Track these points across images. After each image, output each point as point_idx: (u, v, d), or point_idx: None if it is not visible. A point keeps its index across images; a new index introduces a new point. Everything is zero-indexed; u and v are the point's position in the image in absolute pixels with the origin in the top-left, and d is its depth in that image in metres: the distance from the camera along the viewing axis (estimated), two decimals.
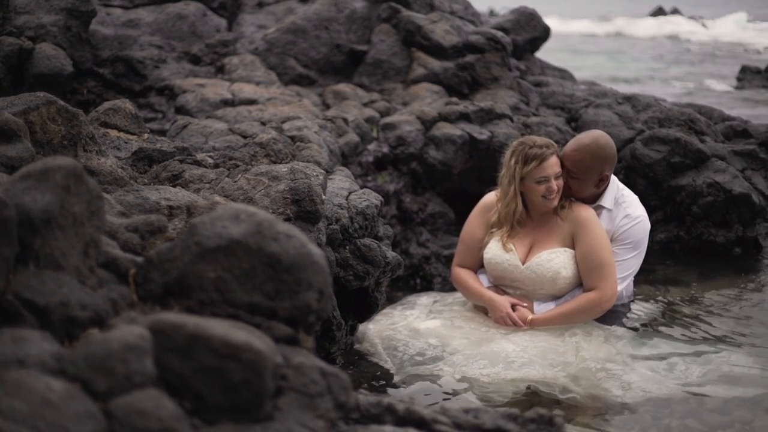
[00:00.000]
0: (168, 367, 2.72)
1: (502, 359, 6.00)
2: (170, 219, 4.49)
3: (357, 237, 6.02)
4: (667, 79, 25.52)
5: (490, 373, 5.86)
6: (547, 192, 6.39)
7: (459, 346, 6.25)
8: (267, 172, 5.51)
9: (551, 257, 6.45)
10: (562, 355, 6.04)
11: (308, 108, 8.43)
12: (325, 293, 3.17)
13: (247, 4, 11.14)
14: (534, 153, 6.35)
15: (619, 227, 6.65)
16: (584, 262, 6.44)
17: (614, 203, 6.72)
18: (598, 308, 6.45)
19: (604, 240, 6.48)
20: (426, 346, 6.29)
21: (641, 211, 6.78)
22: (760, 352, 6.39)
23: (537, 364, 5.90)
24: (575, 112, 10.08)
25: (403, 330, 6.56)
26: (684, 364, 6.05)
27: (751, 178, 9.28)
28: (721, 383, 5.78)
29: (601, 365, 5.90)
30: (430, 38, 10.41)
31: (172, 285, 3.12)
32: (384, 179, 8.55)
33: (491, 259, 6.62)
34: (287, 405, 2.89)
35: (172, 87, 8.88)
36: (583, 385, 5.68)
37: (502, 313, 6.47)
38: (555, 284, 6.47)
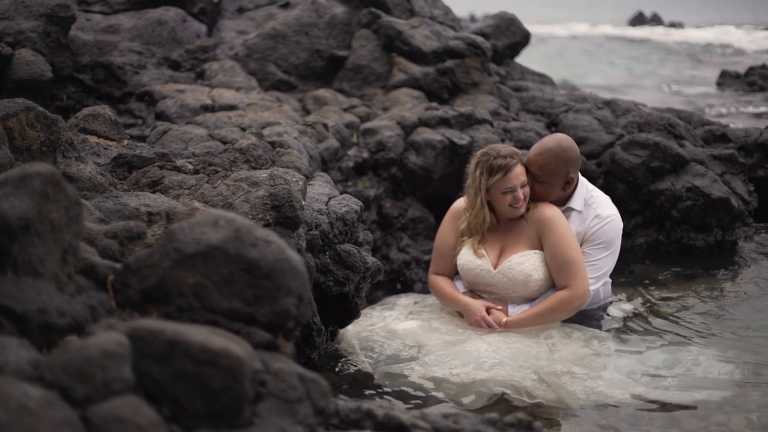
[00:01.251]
0: (146, 373, 2.72)
1: (474, 359, 6.02)
2: (149, 225, 4.49)
3: (337, 243, 6.02)
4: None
5: (460, 373, 5.88)
6: (514, 201, 6.44)
7: (434, 347, 6.27)
8: (247, 178, 5.51)
9: (522, 260, 6.48)
10: (534, 357, 6.06)
11: (288, 113, 8.42)
12: (304, 299, 3.17)
13: (227, 10, 11.13)
14: (499, 164, 6.38)
15: (590, 228, 6.67)
16: (553, 261, 6.48)
17: (584, 204, 6.74)
18: (570, 306, 6.47)
19: (570, 238, 6.51)
20: (402, 347, 6.34)
21: (612, 211, 6.80)
22: (738, 355, 6.41)
23: (507, 365, 5.91)
24: (555, 116, 10.10)
25: (381, 331, 6.60)
26: (659, 367, 6.07)
27: (730, 182, 9.32)
28: (695, 386, 5.80)
29: (567, 368, 5.92)
30: (410, 43, 10.42)
31: (150, 291, 3.12)
32: (364, 185, 8.55)
33: (464, 266, 6.67)
34: (266, 411, 2.89)
35: (151, 93, 8.87)
36: (551, 389, 5.69)
37: (476, 317, 6.50)
38: (527, 287, 6.51)
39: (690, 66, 32.40)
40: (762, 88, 22.38)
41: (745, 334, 6.84)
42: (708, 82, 25.03)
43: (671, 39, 44.93)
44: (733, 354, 6.42)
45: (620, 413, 5.46)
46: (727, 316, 7.26)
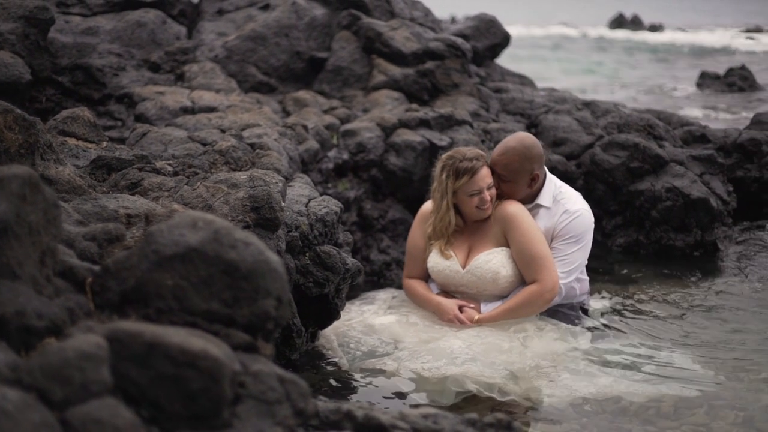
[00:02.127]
0: (125, 375, 2.72)
1: (446, 355, 6.04)
2: (128, 227, 4.48)
3: (317, 244, 6.02)
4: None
5: (431, 368, 5.91)
6: (481, 203, 6.49)
7: (410, 343, 6.30)
8: (226, 180, 5.51)
9: (489, 258, 6.53)
10: (507, 352, 6.08)
11: (268, 115, 8.42)
12: (283, 300, 3.17)
13: (207, 12, 11.11)
14: (465, 167, 6.43)
15: (559, 223, 6.71)
16: (519, 257, 6.52)
17: (552, 201, 6.78)
18: (541, 299, 6.50)
19: (535, 232, 6.55)
20: (378, 343, 6.39)
21: (581, 206, 6.83)
22: (714, 352, 6.45)
23: (479, 361, 5.93)
24: (535, 118, 10.13)
25: (358, 326, 6.64)
26: (635, 363, 6.10)
27: (710, 182, 9.35)
28: (672, 383, 5.82)
29: (535, 363, 5.94)
30: (391, 45, 10.43)
31: (129, 293, 3.11)
32: (344, 186, 8.55)
33: (433, 268, 6.73)
34: (246, 412, 2.89)
35: (131, 95, 8.85)
36: (521, 384, 5.71)
37: (449, 316, 6.55)
38: (497, 284, 6.55)
39: (669, 67, 32.49)
40: (741, 89, 22.46)
41: (723, 333, 6.87)
42: (688, 83, 25.10)
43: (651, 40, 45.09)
44: (709, 351, 6.45)
45: (595, 409, 5.47)
46: (705, 316, 7.29)
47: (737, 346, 6.60)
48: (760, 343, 6.68)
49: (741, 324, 7.09)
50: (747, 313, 7.35)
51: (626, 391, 5.66)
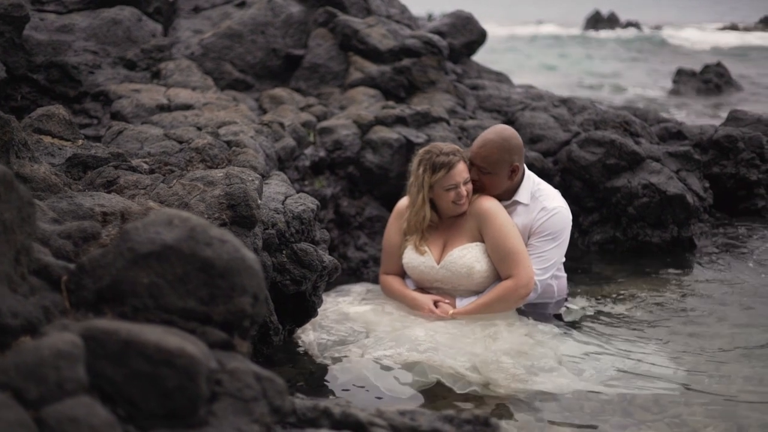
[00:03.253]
0: (101, 373, 2.71)
1: (410, 342, 6.08)
2: (104, 225, 4.46)
3: (294, 241, 6.01)
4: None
5: (393, 354, 5.95)
6: (457, 198, 6.53)
7: (382, 332, 6.33)
8: (202, 177, 5.49)
9: (463, 253, 6.56)
10: (470, 344, 6.10)
11: (244, 113, 8.39)
12: (259, 298, 3.16)
13: (183, 9, 11.07)
14: (441, 161, 6.46)
15: (537, 220, 6.74)
16: (494, 252, 6.56)
17: (531, 198, 6.80)
18: (515, 294, 6.53)
19: (510, 228, 6.59)
20: (350, 332, 6.42)
21: (559, 203, 6.85)
22: (690, 348, 6.47)
23: (441, 350, 5.95)
24: (512, 114, 10.13)
25: (332, 314, 6.67)
26: (607, 359, 6.11)
27: (686, 179, 9.38)
28: (646, 378, 5.84)
29: (497, 357, 5.94)
30: (367, 42, 10.42)
31: (105, 291, 3.10)
32: (321, 183, 8.55)
33: (408, 263, 6.77)
34: (222, 410, 2.88)
35: (107, 92, 8.80)
36: (483, 376, 5.72)
37: (424, 311, 6.61)
38: (471, 279, 6.58)
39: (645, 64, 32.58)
40: (717, 85, 22.55)
41: (698, 329, 6.89)
42: (664, 80, 25.18)
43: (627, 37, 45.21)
44: (685, 348, 6.47)
45: (564, 404, 5.47)
46: (681, 312, 7.31)
47: (712, 341, 6.62)
48: (736, 338, 6.71)
49: (717, 320, 7.11)
50: (723, 309, 7.37)
51: (599, 387, 5.67)
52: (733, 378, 5.93)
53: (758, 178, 10.04)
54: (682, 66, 24.75)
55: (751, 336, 6.75)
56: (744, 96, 21.89)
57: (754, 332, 6.83)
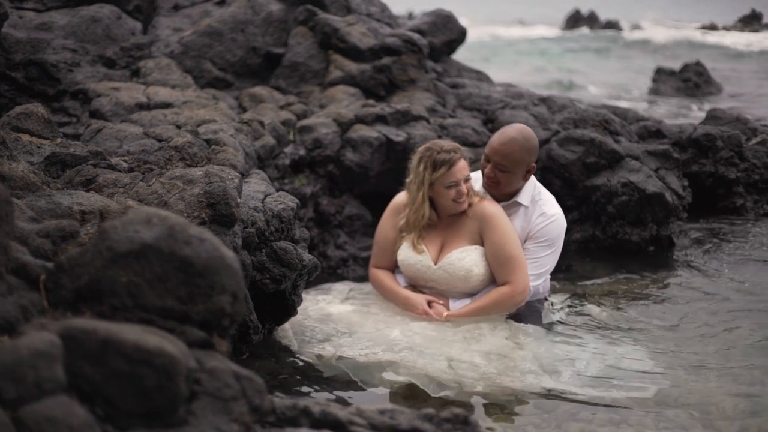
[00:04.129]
0: (79, 373, 2.70)
1: (386, 342, 6.10)
2: (83, 224, 4.44)
3: (273, 240, 6.00)
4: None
5: (368, 354, 5.96)
6: (457, 196, 6.48)
7: (365, 333, 6.31)
8: (182, 176, 5.48)
9: (462, 256, 6.53)
10: (448, 345, 6.10)
11: (224, 111, 8.38)
12: (238, 296, 3.16)
13: (163, 7, 11.04)
14: (442, 158, 6.42)
15: (535, 225, 6.74)
16: (494, 257, 6.54)
17: (531, 201, 6.80)
18: (511, 301, 6.55)
19: (511, 234, 6.58)
20: (334, 332, 6.38)
21: (557, 210, 6.86)
22: (671, 348, 6.49)
23: (416, 351, 5.96)
24: (491, 113, 10.15)
25: (315, 314, 6.65)
26: (588, 360, 6.12)
27: (665, 177, 9.41)
28: (626, 379, 5.84)
29: (471, 357, 5.95)
30: (347, 41, 10.42)
31: (83, 290, 3.09)
32: (301, 182, 8.54)
33: (404, 261, 6.71)
34: (201, 409, 2.88)
35: (86, 91, 8.77)
36: (456, 378, 5.71)
37: (418, 311, 6.57)
38: (468, 282, 6.56)
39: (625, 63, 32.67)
40: (696, 84, 22.63)
41: (677, 328, 6.91)
42: (644, 79, 25.25)
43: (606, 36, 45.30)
44: (666, 348, 6.49)
45: (541, 406, 5.48)
46: (659, 311, 7.33)
47: (693, 340, 6.65)
48: (714, 337, 6.73)
49: (695, 319, 7.13)
50: (701, 308, 7.39)
51: (579, 389, 5.67)
52: (711, 377, 5.95)
53: (737, 176, 10.10)
54: (661, 65, 24.82)
55: (729, 334, 6.78)
56: (723, 95, 21.98)
57: (732, 331, 6.86)
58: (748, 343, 6.61)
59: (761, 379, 5.92)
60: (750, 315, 7.22)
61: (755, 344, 6.57)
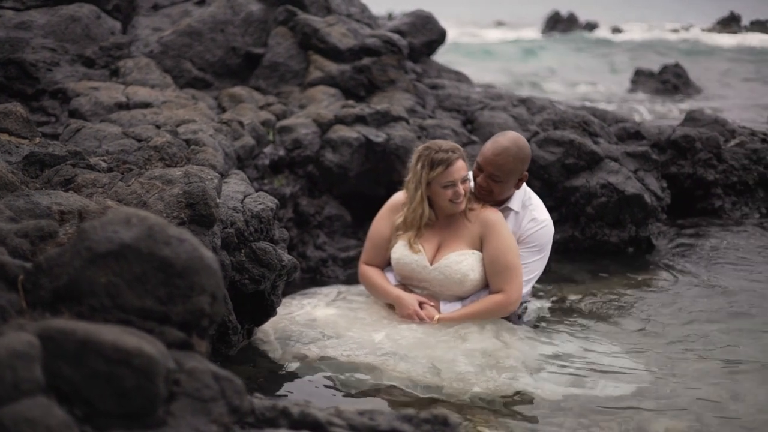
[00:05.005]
0: (58, 373, 2.69)
1: (370, 344, 6.10)
2: (62, 224, 4.43)
3: (252, 240, 6.00)
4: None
5: (350, 355, 5.96)
6: (455, 196, 6.45)
7: (351, 337, 6.29)
8: (161, 176, 5.47)
9: (460, 259, 6.51)
10: (431, 348, 6.10)
11: (204, 111, 8.36)
12: (217, 297, 3.15)
13: (142, 7, 11.02)
14: (440, 158, 6.40)
15: (526, 230, 6.74)
16: (492, 264, 6.51)
17: (521, 206, 6.80)
18: (504, 310, 6.54)
19: (512, 243, 6.57)
20: (320, 336, 6.33)
21: (547, 216, 6.89)
22: (649, 347, 6.52)
23: (399, 354, 5.97)
24: (471, 114, 10.15)
25: (300, 319, 6.60)
26: (570, 359, 6.15)
27: (644, 178, 9.44)
28: (608, 378, 5.87)
29: (454, 356, 5.96)
30: (327, 41, 10.41)
31: (62, 291, 3.08)
32: (280, 182, 8.53)
33: (399, 259, 6.67)
34: (180, 410, 2.87)
35: (65, 90, 8.75)
36: (442, 379, 5.72)
37: (409, 311, 6.53)
38: (462, 286, 6.54)
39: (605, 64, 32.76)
40: (675, 86, 22.72)
41: (656, 328, 6.93)
42: (623, 80, 25.33)
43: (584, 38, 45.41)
44: (643, 347, 6.52)
45: (526, 405, 5.50)
46: (638, 311, 7.36)
47: (670, 340, 6.68)
48: (692, 337, 6.76)
49: (674, 319, 7.17)
50: (680, 309, 7.42)
51: (563, 388, 5.70)
52: (690, 376, 5.98)
53: (715, 178, 10.15)
54: (640, 66, 24.91)
55: (708, 334, 6.81)
56: (701, 96, 22.06)
57: (711, 331, 6.89)
58: (725, 343, 6.64)
59: (739, 379, 5.96)
60: (726, 316, 7.26)
61: (731, 344, 6.61)
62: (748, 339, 6.75)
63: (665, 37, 45.25)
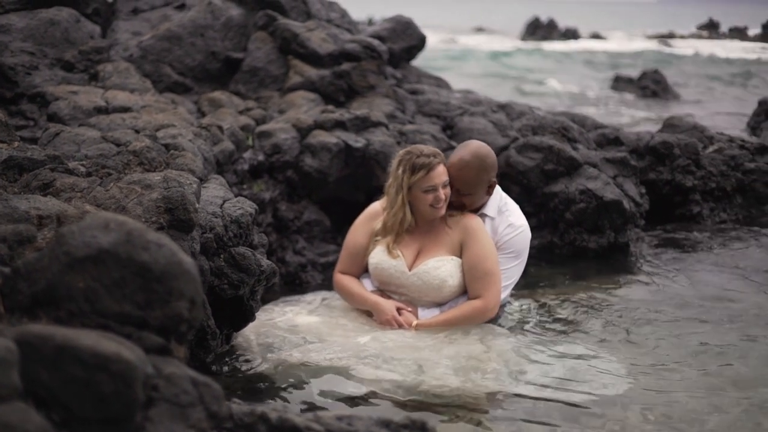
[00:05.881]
0: (35, 379, 2.68)
1: (354, 347, 6.10)
2: (40, 229, 4.42)
3: (231, 245, 5.99)
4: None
5: (333, 359, 5.95)
6: (435, 201, 6.45)
7: (332, 342, 6.27)
8: (140, 181, 5.46)
9: (438, 265, 6.52)
10: (418, 351, 6.10)
11: (183, 116, 8.35)
12: (196, 302, 3.15)
13: (122, 11, 11.01)
14: (421, 162, 6.40)
15: (503, 236, 6.75)
16: (471, 270, 6.52)
17: (497, 212, 6.81)
18: (482, 316, 6.55)
19: (492, 250, 6.58)
20: (302, 342, 6.31)
21: (523, 221, 6.90)
22: (629, 351, 6.54)
23: (381, 357, 5.97)
24: (450, 119, 10.17)
25: (283, 324, 6.59)
26: (551, 364, 6.16)
27: (623, 184, 9.47)
28: (588, 383, 5.87)
29: (439, 358, 5.98)
30: (307, 46, 10.42)
31: (40, 295, 3.07)
32: (259, 187, 8.52)
33: (378, 265, 6.67)
34: (158, 416, 2.87)
35: (44, 94, 8.72)
36: (427, 382, 5.72)
37: (387, 316, 6.52)
38: (441, 292, 6.54)
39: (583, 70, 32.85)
40: (654, 92, 22.82)
41: (634, 334, 6.95)
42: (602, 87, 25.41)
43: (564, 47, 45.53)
44: (621, 352, 6.53)
45: (510, 408, 5.50)
46: (616, 317, 7.37)
47: (648, 346, 6.69)
48: (671, 342, 6.78)
49: (652, 324, 7.18)
50: (658, 314, 7.44)
51: (544, 391, 5.70)
52: (668, 381, 6.00)
53: (693, 184, 10.19)
54: (620, 72, 25.01)
55: (686, 340, 6.83)
56: (680, 102, 22.15)
57: (689, 336, 6.91)
58: (702, 347, 6.67)
59: (717, 383, 5.98)
60: (704, 322, 7.28)
61: (709, 350, 6.63)
62: (725, 345, 6.77)
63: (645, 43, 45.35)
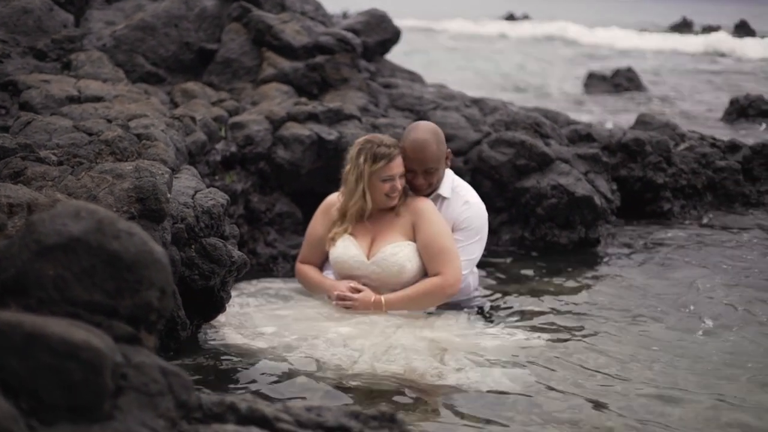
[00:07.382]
0: (4, 366, 2.68)
1: (321, 336, 6.15)
2: (10, 217, 4.41)
3: (203, 236, 5.99)
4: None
5: (300, 348, 6.01)
6: (391, 190, 6.58)
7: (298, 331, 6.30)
8: (111, 170, 5.45)
9: (395, 251, 6.59)
10: (367, 336, 6.16)
11: (156, 106, 8.33)
12: (166, 291, 3.15)
13: (96, 0, 10.96)
14: (382, 152, 6.51)
15: (460, 214, 6.87)
16: (426, 250, 6.62)
17: (451, 191, 6.90)
18: (442, 292, 6.62)
19: (443, 227, 6.70)
20: (272, 332, 6.34)
21: (477, 198, 7.08)
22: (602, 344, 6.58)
23: (349, 346, 6.01)
24: (423, 113, 10.17)
25: (253, 316, 6.62)
26: (518, 355, 6.19)
27: (594, 180, 9.51)
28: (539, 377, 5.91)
29: (387, 343, 6.01)
30: (281, 38, 10.40)
31: (9, 283, 3.07)
32: (231, 179, 8.51)
33: (338, 258, 6.76)
34: (127, 404, 2.87)
35: (16, 82, 8.66)
36: (375, 367, 5.75)
37: (341, 288, 6.64)
38: (401, 278, 6.61)
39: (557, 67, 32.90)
40: (627, 89, 22.90)
41: (604, 330, 6.98)
42: (575, 83, 25.48)
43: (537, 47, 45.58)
44: (591, 347, 6.56)
45: (472, 401, 5.52)
46: (587, 310, 7.40)
47: (619, 342, 6.72)
48: (641, 338, 6.82)
49: (622, 319, 7.22)
50: (628, 310, 7.48)
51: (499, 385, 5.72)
52: (637, 377, 6.04)
53: (664, 181, 10.23)
54: (593, 69, 25.08)
55: (656, 335, 6.87)
56: (652, 99, 22.22)
57: (659, 332, 6.95)
58: (673, 344, 6.70)
59: (682, 378, 6.02)
60: (674, 317, 7.32)
61: (680, 345, 6.67)
62: (697, 340, 6.82)
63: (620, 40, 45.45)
